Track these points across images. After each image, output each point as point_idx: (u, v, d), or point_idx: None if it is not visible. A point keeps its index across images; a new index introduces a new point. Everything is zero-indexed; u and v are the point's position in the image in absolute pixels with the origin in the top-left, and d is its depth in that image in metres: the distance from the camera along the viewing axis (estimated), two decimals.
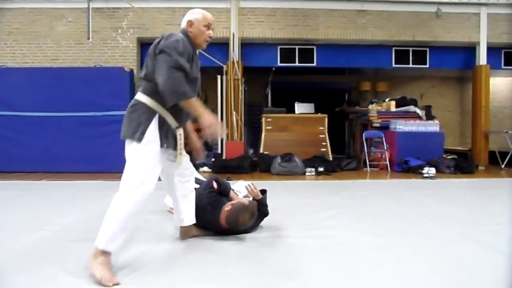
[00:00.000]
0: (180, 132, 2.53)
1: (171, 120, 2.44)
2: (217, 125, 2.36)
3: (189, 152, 2.82)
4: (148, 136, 2.32)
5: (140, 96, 2.42)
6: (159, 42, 2.41)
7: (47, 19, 8.31)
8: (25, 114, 7.38)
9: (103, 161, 7.23)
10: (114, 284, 2.10)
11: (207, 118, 2.30)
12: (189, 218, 2.88)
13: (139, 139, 2.31)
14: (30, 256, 2.57)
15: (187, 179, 2.82)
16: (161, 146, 2.38)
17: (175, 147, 2.50)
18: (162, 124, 2.39)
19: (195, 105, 2.33)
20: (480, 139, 8.89)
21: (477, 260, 2.52)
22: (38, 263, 2.45)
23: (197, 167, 7.64)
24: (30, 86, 7.43)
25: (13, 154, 7.23)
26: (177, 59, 2.29)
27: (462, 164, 7.63)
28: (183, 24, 2.59)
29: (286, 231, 3.21)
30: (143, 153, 2.32)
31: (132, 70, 7.91)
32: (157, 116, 2.37)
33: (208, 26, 2.62)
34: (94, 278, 2.14)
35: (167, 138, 2.41)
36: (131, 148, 2.36)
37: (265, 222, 3.26)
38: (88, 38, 8.06)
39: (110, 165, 7.24)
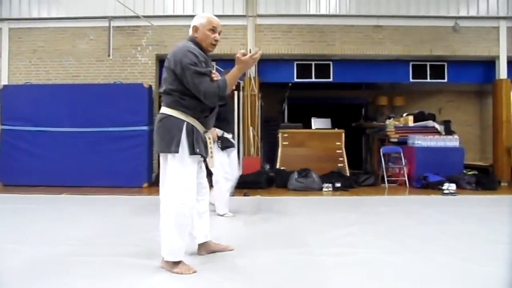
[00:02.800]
0: (208, 136, 2.66)
1: (199, 126, 2.56)
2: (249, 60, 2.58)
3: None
4: (183, 146, 2.46)
5: (166, 110, 2.53)
6: (172, 56, 2.56)
7: (70, 37, 8.58)
8: (47, 129, 7.59)
9: (122, 176, 7.35)
10: (193, 272, 2.48)
11: (242, 66, 2.58)
12: (204, 235, 2.90)
13: (176, 151, 2.45)
14: (49, 270, 2.60)
15: (202, 197, 2.85)
16: (194, 152, 2.48)
17: (205, 153, 2.61)
18: (191, 131, 2.50)
19: (230, 78, 2.56)
20: (502, 154, 8.68)
21: (502, 281, 2.44)
22: (57, 277, 2.47)
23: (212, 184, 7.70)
24: (52, 102, 7.65)
25: (35, 169, 7.41)
26: (198, 70, 2.45)
27: (484, 180, 7.44)
28: (190, 30, 2.70)
29: (305, 248, 3.18)
30: (183, 164, 2.47)
31: (150, 87, 8.07)
32: (185, 125, 2.49)
33: (213, 30, 2.68)
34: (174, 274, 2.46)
35: (198, 143, 2.52)
36: (170, 161, 2.51)
37: (283, 238, 3.23)
38: (109, 56, 8.27)
39: (129, 180, 7.38)
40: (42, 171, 7.37)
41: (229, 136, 4.51)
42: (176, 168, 2.48)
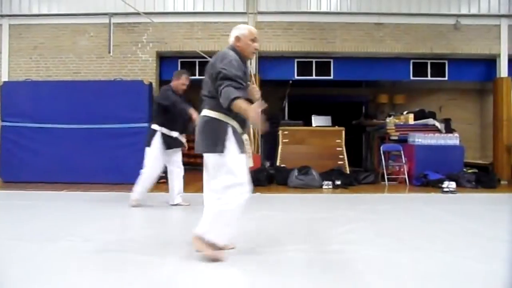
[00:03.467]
0: (246, 137, 2.84)
1: (238, 128, 2.75)
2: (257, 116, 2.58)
3: None
4: (228, 146, 2.66)
5: (209, 113, 2.74)
6: (213, 61, 2.74)
7: (70, 34, 8.57)
8: (47, 125, 7.59)
9: (122, 172, 7.33)
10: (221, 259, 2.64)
11: (250, 114, 2.54)
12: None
13: (222, 151, 2.65)
14: (50, 266, 2.61)
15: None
16: (241, 151, 2.71)
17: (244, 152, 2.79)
18: (235, 132, 2.71)
19: (238, 105, 2.57)
20: (502, 152, 8.69)
21: (503, 280, 2.44)
22: (59, 273, 2.48)
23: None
24: (52, 99, 7.65)
25: (35, 165, 7.41)
26: (225, 74, 2.62)
27: (484, 178, 7.45)
28: (231, 39, 2.88)
29: (306, 245, 3.18)
30: (232, 162, 2.65)
31: (151, 83, 8.06)
32: (230, 127, 2.69)
33: (254, 40, 2.90)
34: (206, 257, 2.61)
35: (241, 143, 2.73)
36: (216, 160, 2.69)
37: (284, 236, 3.24)
38: (109, 52, 8.26)
39: (129, 176, 7.35)
40: (43, 167, 7.37)
41: (174, 134, 4.78)
42: (226, 166, 2.65)
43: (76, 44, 8.55)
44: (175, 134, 4.81)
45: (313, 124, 8.55)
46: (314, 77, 8.96)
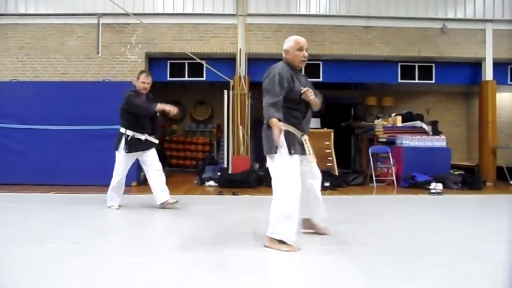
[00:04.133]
0: (305, 138, 3.20)
1: (295, 131, 3.12)
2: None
3: None
4: (281, 148, 3.02)
5: (265, 120, 3.12)
6: (264, 77, 3.17)
7: (58, 34, 8.48)
8: (34, 127, 7.48)
9: (111, 175, 7.26)
10: (297, 249, 2.96)
11: (275, 133, 2.95)
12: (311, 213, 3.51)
13: (275, 152, 3.05)
14: (37, 269, 2.58)
15: (315, 181, 3.46)
16: (289, 153, 3.04)
17: (302, 152, 3.17)
18: (287, 135, 3.03)
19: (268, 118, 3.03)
20: (488, 154, 8.84)
21: (486, 279, 2.49)
22: (46, 276, 2.45)
23: (202, 181, 7.70)
24: (40, 100, 7.54)
25: (22, 167, 7.30)
26: (265, 86, 3.12)
27: (470, 180, 7.57)
28: (283, 53, 3.27)
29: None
30: (284, 162, 3.05)
31: None
32: (283, 131, 2.99)
33: (300, 49, 3.20)
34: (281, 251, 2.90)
35: (294, 145, 3.07)
36: (274, 161, 3.11)
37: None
38: (98, 53, 8.20)
39: None
40: (30, 169, 7.26)
41: (142, 137, 4.77)
42: (279, 166, 3.07)
43: (63, 44, 8.46)
44: (143, 136, 4.77)
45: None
46: None
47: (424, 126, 8.81)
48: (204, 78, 8.95)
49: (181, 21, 8.55)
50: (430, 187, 6.75)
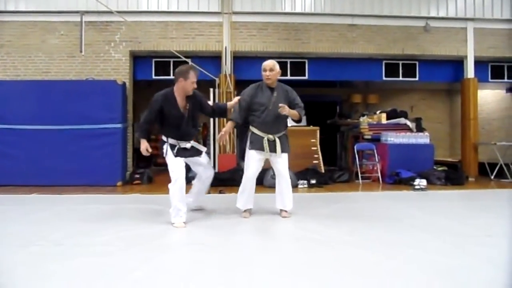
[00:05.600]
0: (268, 137, 4.23)
1: (258, 132, 4.31)
2: None
3: None
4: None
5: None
6: None
7: (39, 32, 8.30)
8: (16, 127, 7.35)
9: (95, 175, 7.21)
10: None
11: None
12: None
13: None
14: (21, 272, 2.53)
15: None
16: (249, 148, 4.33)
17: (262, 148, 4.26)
18: (251, 135, 4.34)
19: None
20: (470, 150, 9.01)
21: (471, 273, 2.54)
22: (30, 279, 2.42)
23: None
24: (21, 99, 7.41)
25: (3, 167, 7.17)
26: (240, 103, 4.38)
27: (452, 176, 7.71)
28: None
29: (277, 244, 3.21)
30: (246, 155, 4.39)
31: (124, 83, 7.93)
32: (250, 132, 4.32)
33: (264, 70, 4.31)
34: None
35: (252, 143, 4.35)
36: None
37: (248, 236, 3.27)
38: (81, 51, 8.08)
39: (103, 179, 7.24)
40: (11, 170, 7.13)
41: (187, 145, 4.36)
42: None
43: (45, 42, 8.29)
44: (188, 145, 4.19)
45: (288, 124, 8.57)
46: (289, 77, 9.03)
47: (408, 123, 8.94)
48: None
49: (166, 19, 8.47)
50: (414, 183, 6.85)
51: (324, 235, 3.48)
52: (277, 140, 4.17)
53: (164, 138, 4.13)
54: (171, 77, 8.90)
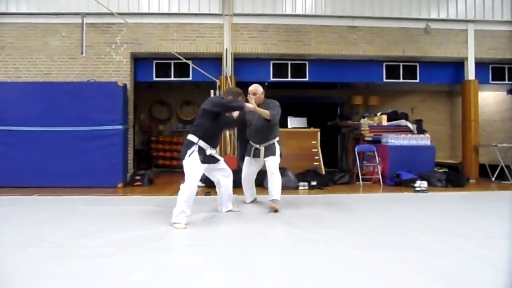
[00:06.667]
0: (256, 147, 5.08)
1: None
2: None
3: None
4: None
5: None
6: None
7: (41, 34, 8.33)
8: (17, 128, 7.36)
9: (96, 176, 7.21)
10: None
11: None
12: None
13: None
14: (21, 273, 2.53)
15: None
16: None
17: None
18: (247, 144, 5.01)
19: None
20: (470, 152, 8.99)
21: (471, 275, 2.54)
22: (30, 280, 2.42)
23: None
24: (22, 101, 7.42)
25: (5, 169, 7.18)
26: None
27: (453, 178, 7.70)
28: None
29: (280, 246, 3.21)
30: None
31: (125, 85, 7.94)
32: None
33: (249, 93, 4.83)
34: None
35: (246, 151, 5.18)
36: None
37: (258, 237, 3.26)
38: (82, 53, 8.09)
39: (103, 180, 7.25)
40: (12, 171, 7.14)
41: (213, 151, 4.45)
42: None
43: (47, 44, 8.32)
44: (214, 151, 4.28)
45: (289, 126, 8.62)
46: (289, 79, 9.04)
47: (409, 124, 8.94)
48: (190, 78, 8.90)
49: (166, 20, 8.49)
50: (415, 185, 6.84)
51: (324, 237, 3.47)
52: (262, 149, 4.99)
53: (194, 139, 4.09)
54: (172, 79, 8.95)
